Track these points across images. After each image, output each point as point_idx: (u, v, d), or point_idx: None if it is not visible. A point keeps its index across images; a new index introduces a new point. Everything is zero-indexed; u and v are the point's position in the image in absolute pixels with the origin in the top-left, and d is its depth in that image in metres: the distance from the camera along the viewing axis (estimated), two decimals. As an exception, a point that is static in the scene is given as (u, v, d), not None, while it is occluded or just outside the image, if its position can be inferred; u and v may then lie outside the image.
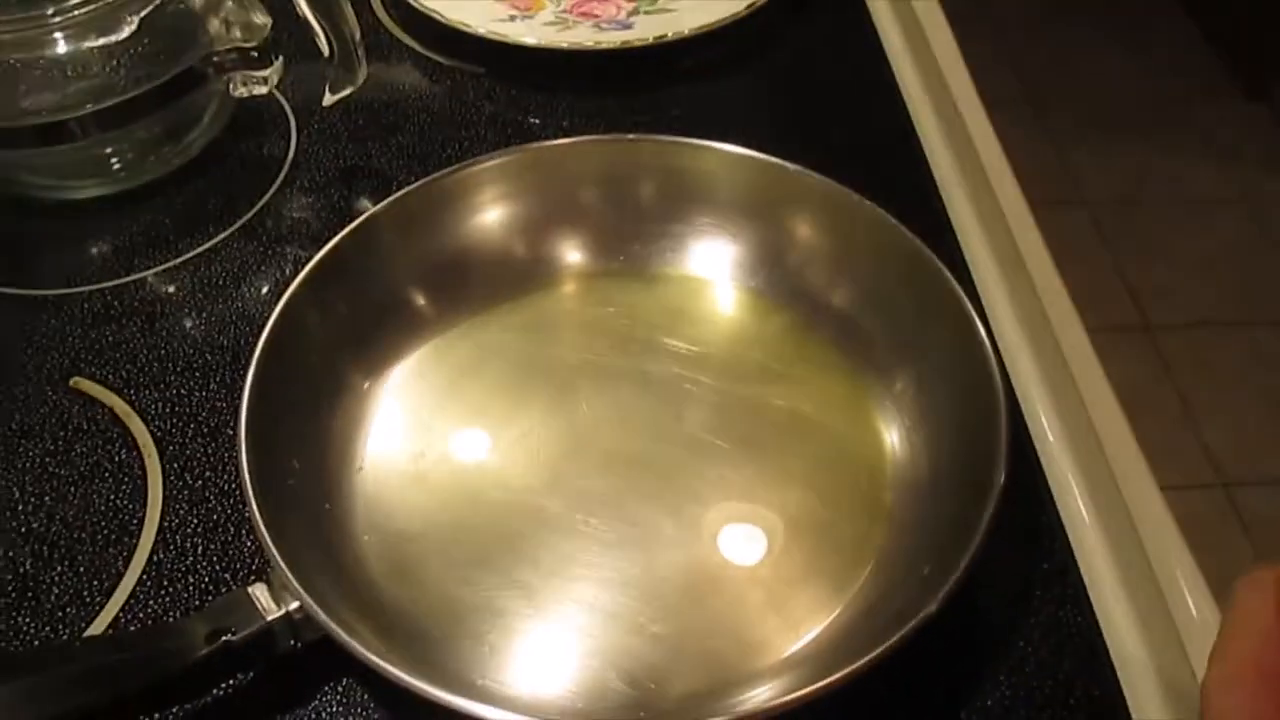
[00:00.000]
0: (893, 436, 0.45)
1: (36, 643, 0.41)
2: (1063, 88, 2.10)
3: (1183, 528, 0.45)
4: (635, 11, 0.68)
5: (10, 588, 0.42)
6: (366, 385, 0.47)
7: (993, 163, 0.59)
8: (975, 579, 0.36)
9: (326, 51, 0.56)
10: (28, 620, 0.42)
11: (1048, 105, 2.05)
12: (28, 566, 0.43)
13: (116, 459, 0.47)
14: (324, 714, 0.39)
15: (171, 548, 0.44)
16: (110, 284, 0.54)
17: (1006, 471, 0.38)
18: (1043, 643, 0.40)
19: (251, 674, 0.39)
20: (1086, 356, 0.51)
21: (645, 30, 0.66)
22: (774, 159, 0.50)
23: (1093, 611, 0.41)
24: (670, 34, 0.65)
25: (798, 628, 0.40)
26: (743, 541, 0.43)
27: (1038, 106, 2.05)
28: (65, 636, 0.41)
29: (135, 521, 0.44)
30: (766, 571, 0.42)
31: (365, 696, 0.39)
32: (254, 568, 0.43)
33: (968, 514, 0.38)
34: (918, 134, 0.61)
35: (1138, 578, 0.42)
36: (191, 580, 0.43)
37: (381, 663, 0.34)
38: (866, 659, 0.34)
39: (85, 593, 0.42)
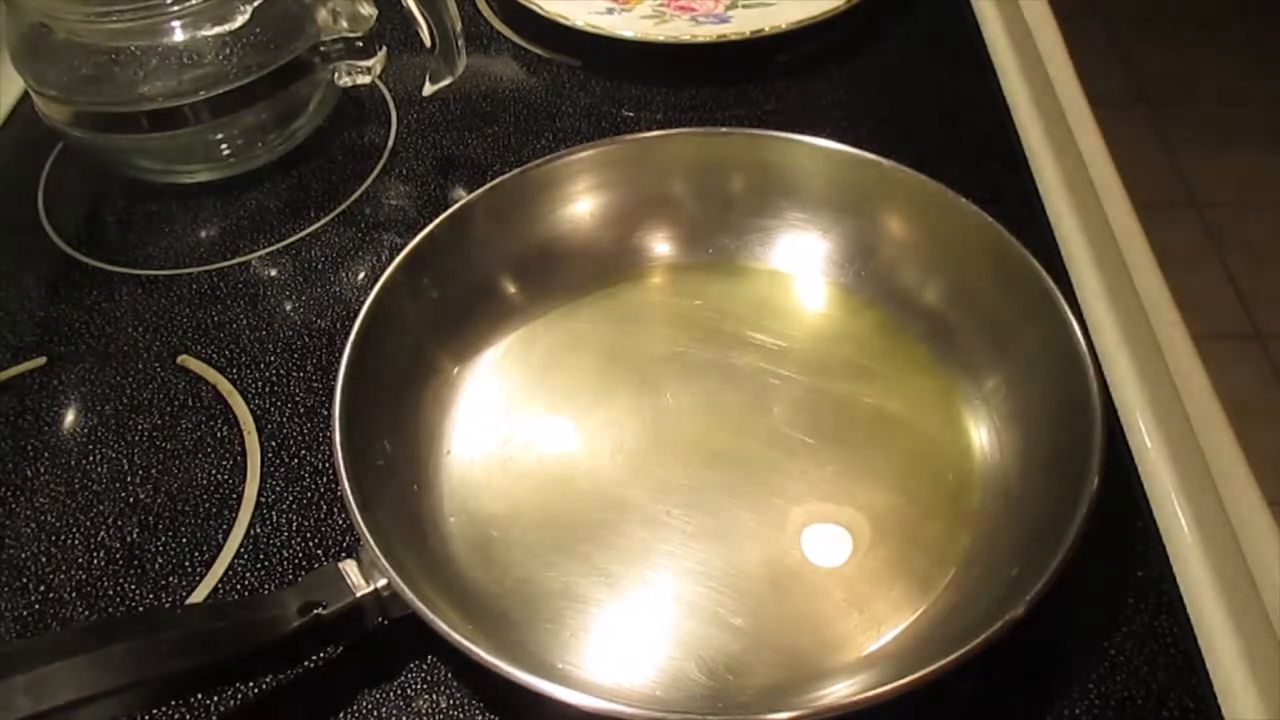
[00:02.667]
0: (982, 436, 0.44)
1: (140, 609, 0.43)
2: (1172, 84, 2.03)
3: (1288, 542, 0.43)
4: (733, 5, 0.68)
5: (118, 555, 0.44)
6: (456, 370, 0.48)
7: (1096, 161, 0.58)
8: (1065, 584, 0.35)
9: (428, 43, 0.57)
10: (133, 587, 0.43)
11: (1156, 102, 1.99)
12: (134, 536, 0.45)
13: (218, 435, 0.48)
14: (409, 689, 0.39)
15: (268, 522, 0.45)
16: (216, 266, 0.56)
17: (1100, 476, 0.38)
18: (1135, 652, 0.39)
19: (340, 648, 0.40)
20: (1190, 362, 0.49)
21: (742, 24, 0.66)
22: (867, 154, 0.50)
23: (1189, 622, 0.40)
24: (767, 28, 0.65)
25: (880, 625, 0.39)
26: (826, 538, 0.42)
27: (1146, 103, 1.98)
28: (168, 604, 0.43)
29: (235, 496, 0.46)
30: (850, 568, 0.41)
31: (448, 674, 0.40)
32: (345, 544, 0.44)
33: (1058, 517, 0.37)
34: (1018, 130, 0.60)
35: (1238, 590, 0.41)
36: (286, 554, 0.44)
37: (465, 642, 0.35)
38: (948, 659, 0.33)
39: (187, 563, 0.44)
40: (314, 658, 0.40)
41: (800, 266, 0.52)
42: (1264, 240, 1.73)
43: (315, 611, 0.37)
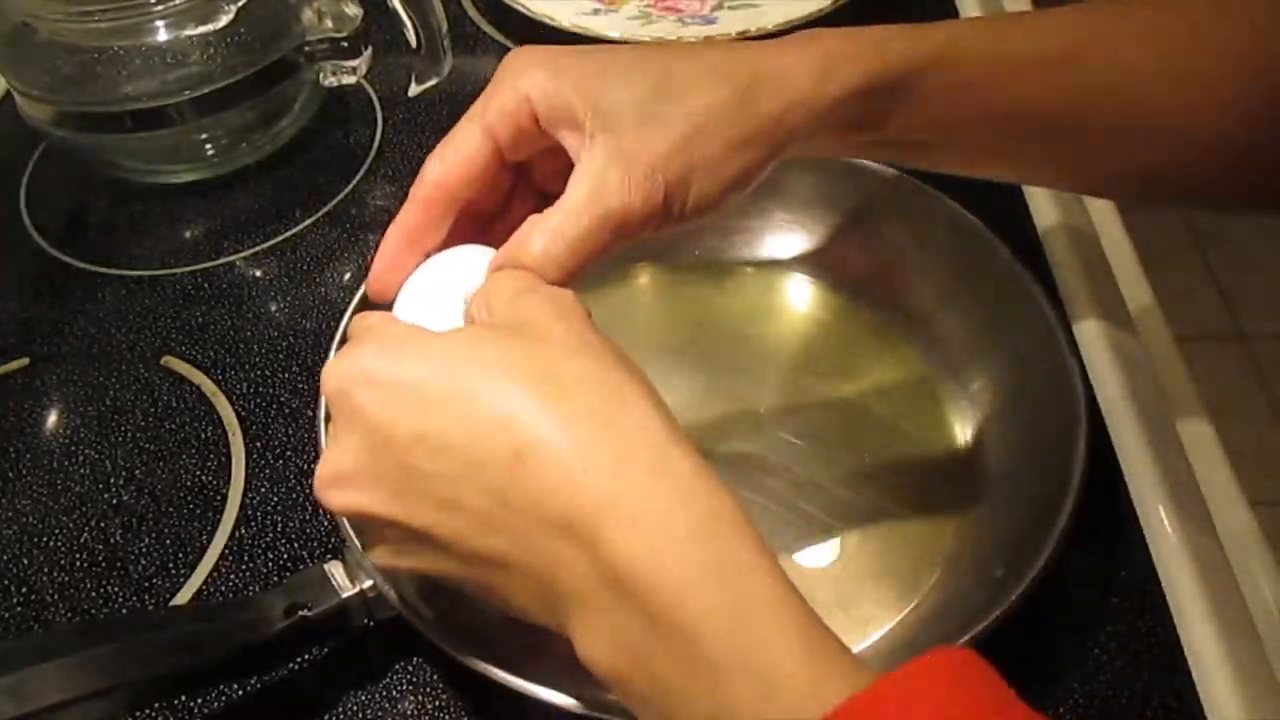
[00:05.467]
0: (967, 436, 0.45)
1: (124, 611, 0.43)
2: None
3: (1270, 542, 0.43)
4: (719, 6, 0.68)
5: (101, 557, 0.44)
6: (443, 371, 0.48)
7: (1080, 162, 0.58)
8: (1049, 583, 0.35)
9: (414, 43, 0.57)
10: (116, 589, 0.43)
11: (1141, 105, 1.99)
12: (118, 538, 0.45)
13: (203, 436, 0.48)
14: (394, 690, 0.39)
15: (252, 524, 0.45)
16: (201, 266, 0.56)
17: (1083, 475, 0.38)
18: (1119, 652, 0.39)
19: (326, 649, 0.40)
20: (1173, 362, 0.49)
21: (728, 25, 0.66)
22: (854, 155, 0.50)
23: (1172, 622, 0.40)
24: (754, 29, 0.65)
25: (865, 626, 0.40)
26: (812, 538, 0.42)
27: (1131, 106, 1.99)
28: (152, 606, 0.43)
29: (219, 497, 0.46)
30: (835, 568, 0.41)
31: (433, 676, 0.40)
32: (330, 546, 0.44)
33: (1043, 516, 0.37)
34: (1003, 132, 0.60)
35: (1220, 590, 0.41)
36: (271, 556, 0.44)
37: (449, 644, 0.35)
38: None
39: (171, 565, 0.44)
40: (299, 659, 0.40)
41: (786, 267, 0.52)
42: (1246, 240, 1.75)
43: (300, 613, 0.36)
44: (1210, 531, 0.43)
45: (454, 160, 0.35)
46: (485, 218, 0.38)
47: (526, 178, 0.38)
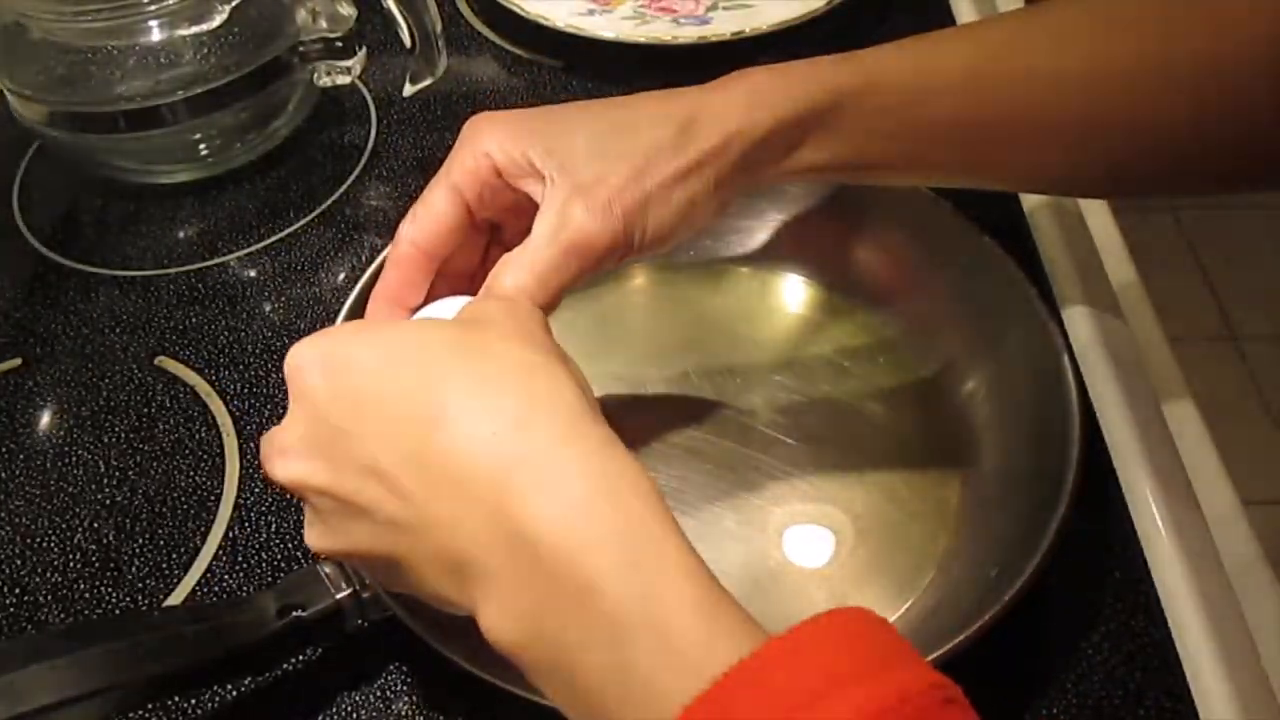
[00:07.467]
0: (962, 437, 0.45)
1: (118, 611, 0.42)
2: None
3: (1263, 543, 0.43)
4: (713, 7, 0.68)
5: (94, 558, 0.44)
6: (438, 372, 0.48)
7: (1074, 163, 0.58)
8: (1043, 585, 0.35)
9: (408, 43, 0.57)
10: (110, 590, 0.43)
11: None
12: (111, 538, 0.45)
13: (197, 437, 0.48)
14: (388, 692, 0.39)
15: (246, 524, 0.45)
16: (195, 266, 0.56)
17: (1078, 477, 0.38)
18: (1113, 652, 0.39)
19: (320, 650, 0.40)
20: (1166, 364, 0.49)
21: (723, 26, 0.66)
22: (849, 155, 0.50)
23: (1165, 623, 0.40)
24: (748, 30, 0.65)
25: (860, 627, 0.39)
26: (807, 539, 0.42)
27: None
28: (145, 607, 0.43)
29: (213, 498, 0.46)
30: (830, 569, 0.41)
31: (428, 677, 0.40)
32: (325, 547, 0.44)
33: (1037, 518, 0.37)
34: (997, 133, 0.60)
35: (1214, 590, 0.41)
36: (265, 556, 0.44)
37: (443, 645, 0.35)
38: (928, 660, 0.33)
39: (164, 565, 0.44)
40: (293, 660, 0.40)
41: (781, 268, 0.52)
42: (1239, 242, 1.75)
43: (294, 614, 0.36)
44: (1204, 532, 0.43)
45: (425, 220, 0.38)
46: (464, 277, 0.40)
47: (499, 238, 0.41)
